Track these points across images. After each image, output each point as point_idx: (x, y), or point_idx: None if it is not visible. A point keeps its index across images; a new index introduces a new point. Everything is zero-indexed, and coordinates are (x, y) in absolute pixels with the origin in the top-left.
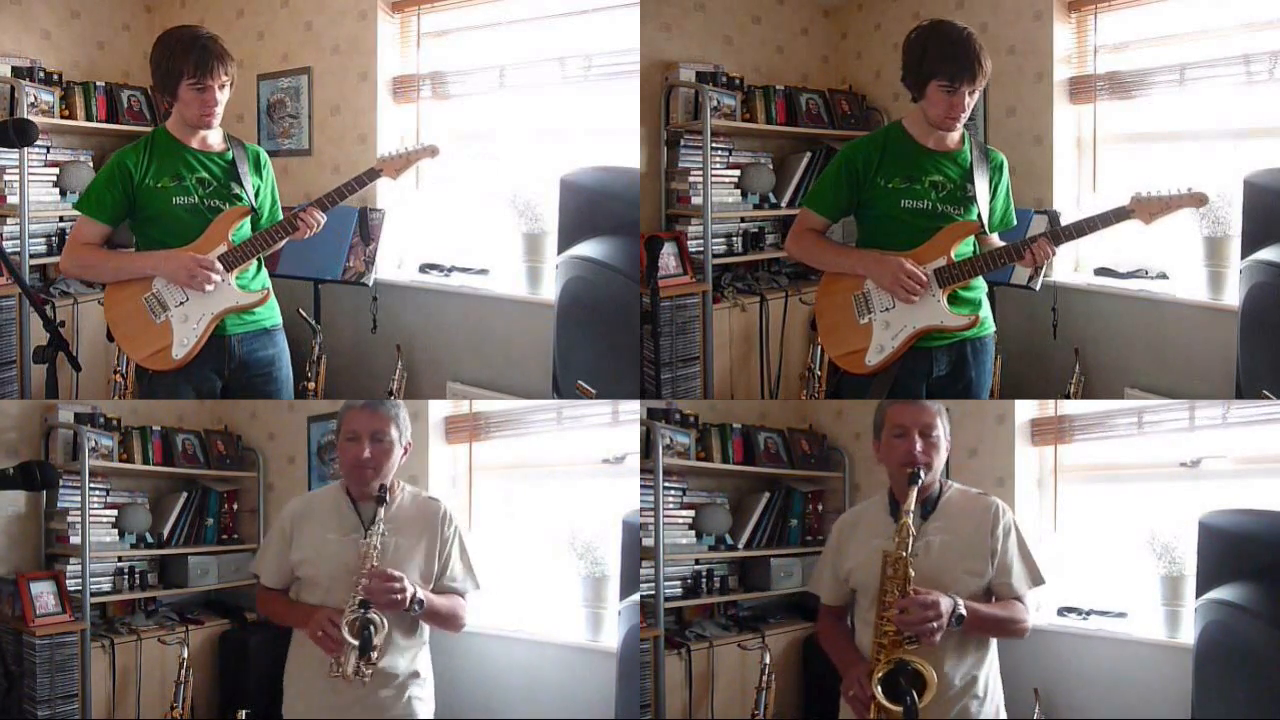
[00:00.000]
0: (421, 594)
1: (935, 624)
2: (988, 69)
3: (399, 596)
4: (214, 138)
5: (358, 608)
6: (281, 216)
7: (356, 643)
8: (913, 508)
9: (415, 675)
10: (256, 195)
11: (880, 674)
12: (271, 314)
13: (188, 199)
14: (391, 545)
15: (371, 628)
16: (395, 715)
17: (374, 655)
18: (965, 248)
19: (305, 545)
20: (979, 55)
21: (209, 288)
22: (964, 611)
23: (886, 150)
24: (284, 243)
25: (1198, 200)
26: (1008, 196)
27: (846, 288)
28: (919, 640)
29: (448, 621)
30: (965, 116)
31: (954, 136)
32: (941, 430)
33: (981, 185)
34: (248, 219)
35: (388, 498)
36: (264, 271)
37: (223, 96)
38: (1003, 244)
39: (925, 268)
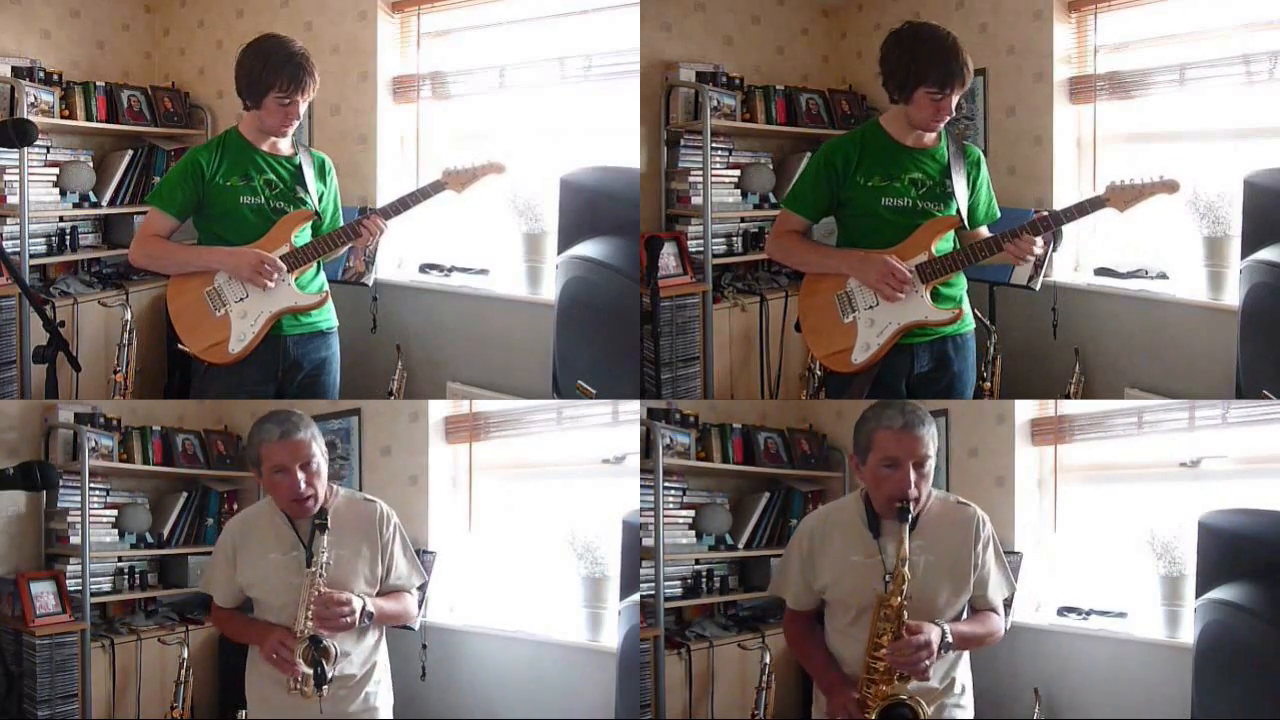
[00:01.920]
0: (370, 605)
1: (928, 661)
2: (972, 71)
3: (348, 619)
4: (283, 142)
5: (308, 641)
6: (342, 223)
7: (310, 671)
8: (906, 555)
9: (370, 673)
10: (320, 200)
11: (876, 711)
12: (328, 316)
13: (255, 199)
14: (333, 559)
15: (324, 660)
16: (353, 716)
17: (328, 682)
18: (945, 243)
19: (249, 568)
20: (966, 60)
21: (270, 284)
22: (951, 639)
23: (865, 149)
24: (345, 249)
25: (1169, 187)
26: (989, 190)
27: (829, 287)
28: (911, 676)
29: (400, 620)
30: (949, 118)
31: (931, 134)
32: (934, 457)
33: (959, 180)
34: (310, 223)
35: (328, 522)
36: (322, 275)
37: (303, 109)
38: (986, 237)
39: (907, 264)
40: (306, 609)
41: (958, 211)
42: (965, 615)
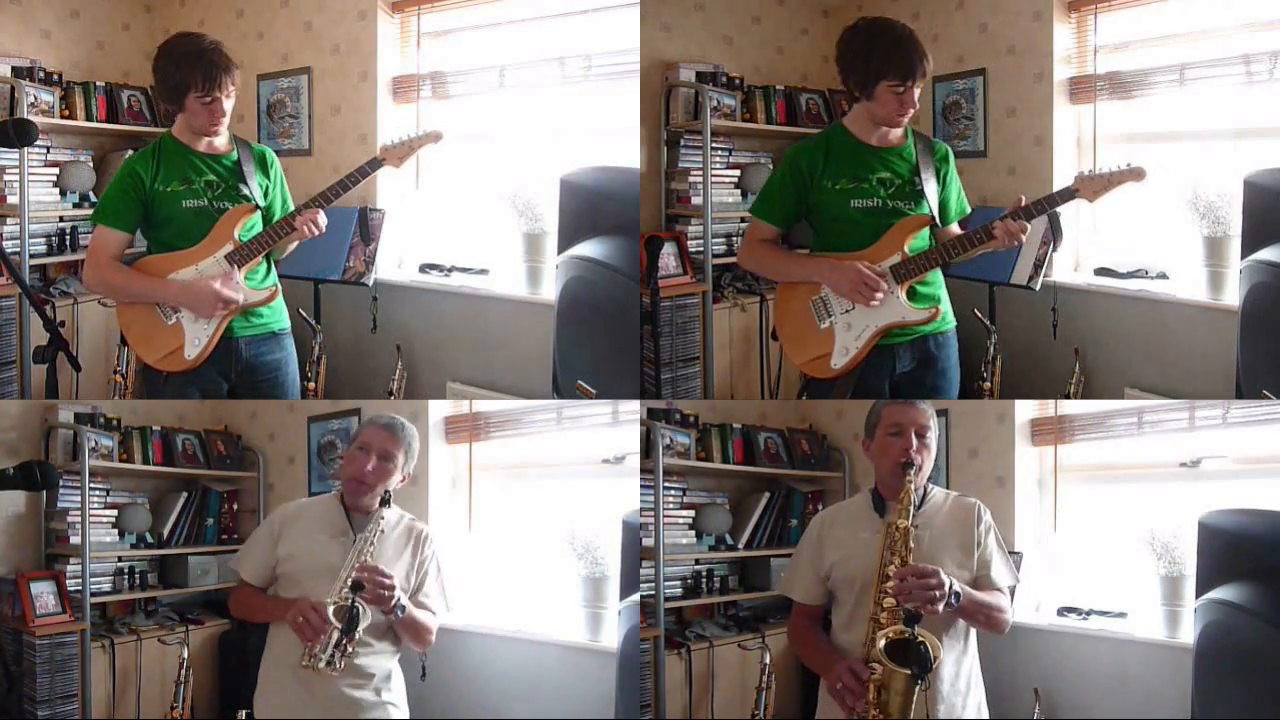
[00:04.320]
0: (405, 601)
1: (936, 593)
2: (931, 62)
3: (387, 592)
4: (219, 140)
5: (349, 591)
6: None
7: (340, 625)
8: (911, 481)
9: (388, 679)
10: (265, 195)
11: (884, 643)
12: (279, 317)
13: (197, 201)
14: (376, 554)
15: (358, 610)
16: (371, 716)
17: (350, 645)
18: (919, 242)
19: (292, 542)
20: (924, 51)
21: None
22: (960, 591)
23: (830, 152)
24: (295, 244)
25: (1136, 175)
26: (959, 185)
27: (803, 294)
28: (918, 613)
29: (420, 634)
30: (913, 112)
31: (897, 132)
32: (934, 433)
33: (929, 178)
34: (255, 216)
35: (391, 501)
36: (274, 272)
37: (229, 105)
38: (960, 233)
39: (881, 265)
40: (349, 574)
41: (929, 209)
42: None
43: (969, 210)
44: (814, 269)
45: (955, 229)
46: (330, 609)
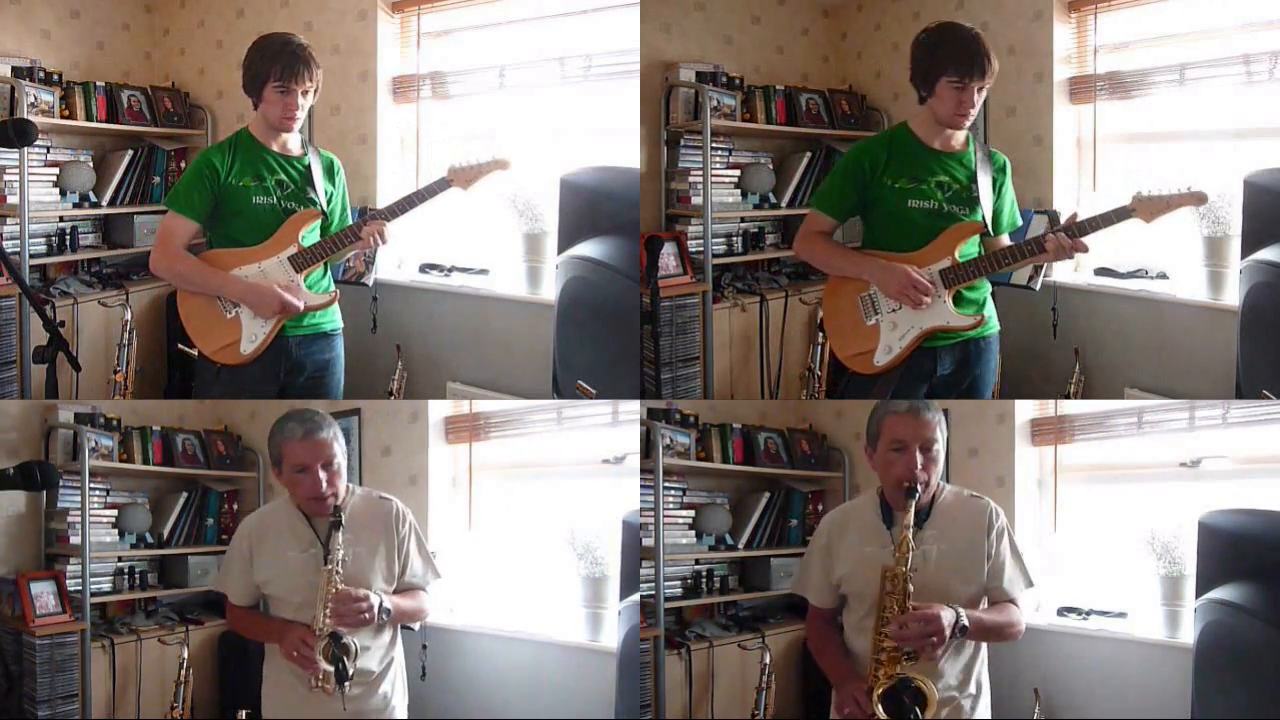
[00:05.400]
0: (388, 602)
1: (935, 638)
2: (996, 67)
3: (367, 615)
4: (293, 142)
5: (328, 638)
6: (350, 223)
7: (331, 669)
8: (910, 522)
9: (387, 670)
10: (329, 201)
11: (881, 690)
12: (331, 318)
13: (266, 199)
14: (350, 556)
15: (345, 656)
16: (372, 714)
17: (349, 679)
18: (970, 248)
19: (266, 566)
20: (988, 53)
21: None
22: (967, 622)
23: (893, 150)
24: (352, 251)
25: (1198, 199)
26: (1013, 197)
27: (853, 289)
28: (919, 655)
29: (414, 617)
30: (974, 114)
31: (959, 138)
32: (941, 442)
33: (985, 186)
34: (318, 222)
35: (343, 520)
36: (329, 275)
37: (305, 102)
38: (1010, 244)
39: (930, 269)
40: (325, 606)
41: (983, 217)
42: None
43: (1019, 224)
44: (864, 267)
45: (1004, 239)
46: (318, 651)
